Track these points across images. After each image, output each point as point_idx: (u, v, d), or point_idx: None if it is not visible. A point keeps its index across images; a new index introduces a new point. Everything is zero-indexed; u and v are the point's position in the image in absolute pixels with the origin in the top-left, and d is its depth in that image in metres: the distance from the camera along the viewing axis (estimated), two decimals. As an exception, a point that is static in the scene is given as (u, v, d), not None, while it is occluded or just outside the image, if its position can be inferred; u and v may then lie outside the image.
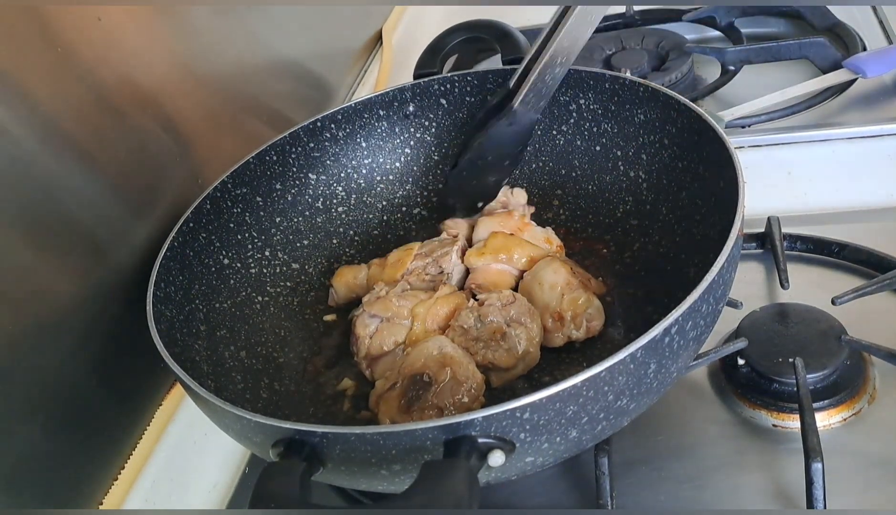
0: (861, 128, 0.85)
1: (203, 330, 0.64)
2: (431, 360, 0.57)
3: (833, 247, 0.72)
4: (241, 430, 0.50)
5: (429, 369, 0.57)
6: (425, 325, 0.63)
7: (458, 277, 0.70)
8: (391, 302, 0.64)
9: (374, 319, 0.64)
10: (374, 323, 0.64)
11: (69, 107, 0.60)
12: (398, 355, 0.63)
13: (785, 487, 0.56)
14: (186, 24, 0.77)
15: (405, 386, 0.57)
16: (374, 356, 0.63)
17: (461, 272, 0.70)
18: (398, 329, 0.64)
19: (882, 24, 1.03)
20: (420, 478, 0.41)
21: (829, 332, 0.62)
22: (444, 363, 0.57)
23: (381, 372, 0.62)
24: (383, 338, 0.63)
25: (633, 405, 0.49)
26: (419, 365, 0.57)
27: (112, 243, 0.63)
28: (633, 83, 0.70)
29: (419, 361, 0.58)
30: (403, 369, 0.58)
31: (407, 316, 0.64)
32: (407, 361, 0.59)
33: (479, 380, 0.58)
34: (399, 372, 0.58)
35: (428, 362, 0.57)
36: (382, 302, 0.65)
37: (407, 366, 0.58)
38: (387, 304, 0.64)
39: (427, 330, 0.63)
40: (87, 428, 0.60)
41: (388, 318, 0.64)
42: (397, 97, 0.79)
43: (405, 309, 0.64)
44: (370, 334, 0.64)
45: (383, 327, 0.64)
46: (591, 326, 0.64)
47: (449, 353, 0.58)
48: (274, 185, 0.75)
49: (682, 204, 0.67)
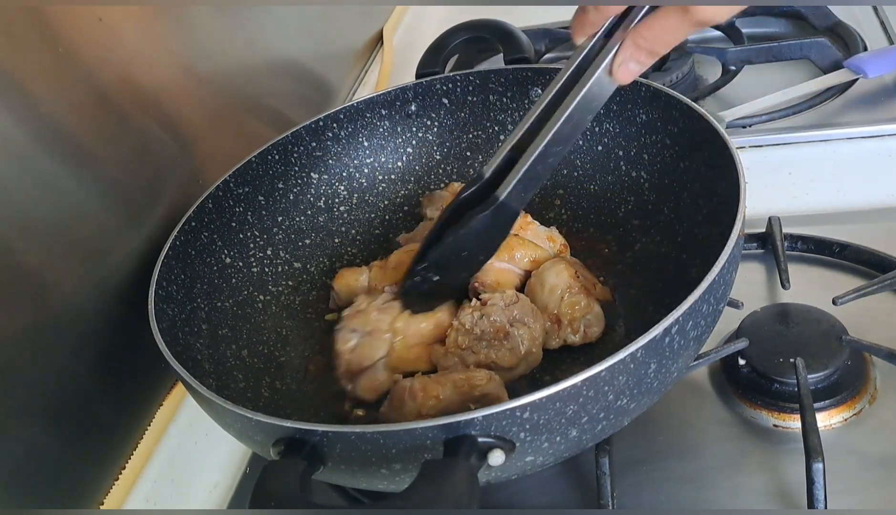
0: (862, 129, 0.85)
1: (205, 329, 0.64)
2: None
3: (834, 248, 0.72)
4: (242, 429, 0.50)
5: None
6: (406, 340, 0.62)
7: None
8: (371, 315, 0.63)
9: (354, 334, 0.63)
10: (354, 338, 0.63)
11: (70, 108, 0.60)
12: (379, 370, 0.62)
13: (786, 487, 0.56)
14: (188, 25, 0.77)
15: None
16: (354, 371, 0.62)
17: None
18: (379, 343, 0.62)
19: (883, 25, 1.03)
20: (420, 477, 0.41)
21: (829, 332, 0.62)
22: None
23: (364, 388, 0.61)
24: (363, 353, 0.62)
25: (634, 405, 0.49)
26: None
27: (113, 242, 0.64)
28: (635, 83, 0.70)
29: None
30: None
31: (388, 330, 0.62)
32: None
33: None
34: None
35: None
36: (362, 316, 0.63)
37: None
38: (366, 318, 0.63)
39: (409, 345, 0.62)
40: (87, 428, 0.60)
41: (368, 332, 0.62)
42: (399, 96, 0.79)
43: (385, 322, 0.62)
44: (351, 349, 0.62)
45: (364, 342, 0.62)
46: (588, 332, 0.64)
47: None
48: (276, 184, 0.75)
49: (683, 204, 0.67)
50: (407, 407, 0.55)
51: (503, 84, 0.78)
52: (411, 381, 0.56)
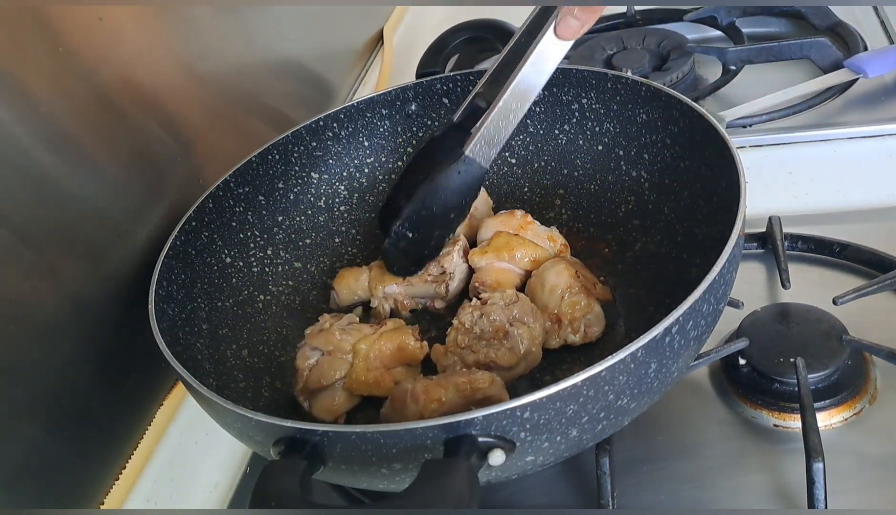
0: (862, 128, 0.85)
1: (205, 329, 0.64)
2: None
3: (834, 247, 0.72)
4: (242, 429, 0.50)
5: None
6: (367, 362, 0.61)
7: (461, 276, 0.70)
8: (334, 335, 0.63)
9: (315, 352, 0.62)
10: (314, 356, 0.62)
11: (70, 108, 0.60)
12: (337, 390, 0.61)
13: (786, 487, 0.56)
14: (188, 25, 0.77)
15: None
16: (311, 389, 0.61)
17: (464, 271, 0.70)
18: (339, 363, 0.62)
19: (883, 24, 1.03)
20: (420, 477, 0.41)
21: (830, 332, 0.62)
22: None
23: (321, 408, 0.61)
24: (322, 372, 0.61)
25: (634, 404, 0.49)
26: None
27: (114, 242, 0.64)
28: (635, 83, 0.70)
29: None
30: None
31: (349, 351, 0.62)
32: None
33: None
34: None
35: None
36: (325, 336, 0.63)
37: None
38: (329, 338, 0.62)
39: (369, 368, 0.61)
40: (88, 428, 0.60)
41: (329, 352, 0.62)
42: (400, 96, 0.79)
43: (347, 343, 0.62)
44: (310, 367, 0.62)
45: (324, 360, 0.62)
46: (588, 332, 0.64)
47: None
48: (276, 184, 0.75)
49: (683, 203, 0.67)
50: (409, 409, 0.54)
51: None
52: (413, 384, 0.55)
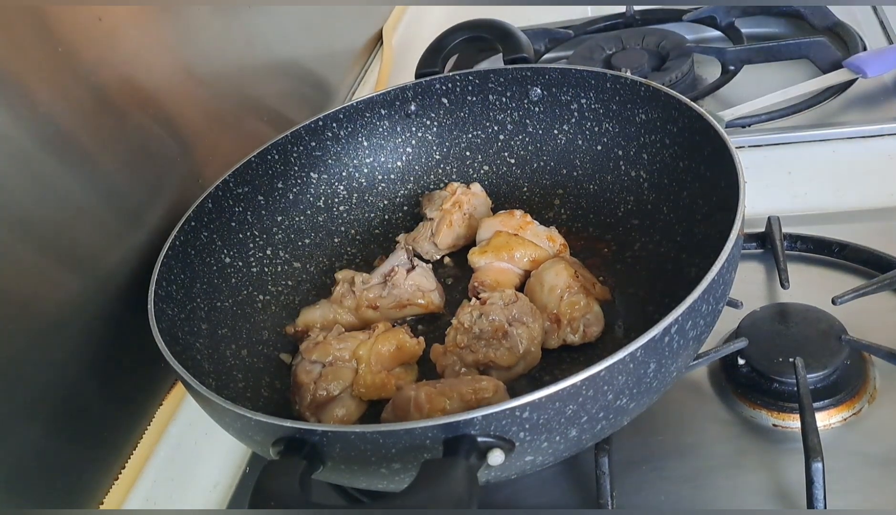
0: (861, 128, 0.85)
1: (204, 329, 0.64)
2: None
3: (833, 247, 0.72)
4: (241, 429, 0.50)
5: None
6: (371, 367, 0.61)
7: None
8: (331, 346, 0.62)
9: (315, 365, 0.62)
10: (316, 369, 0.62)
11: (70, 107, 0.60)
12: (346, 400, 0.61)
13: (785, 487, 0.56)
14: (187, 25, 0.77)
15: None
16: (320, 403, 0.61)
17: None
18: (343, 372, 0.61)
19: (882, 24, 1.03)
20: (419, 477, 0.41)
21: (829, 332, 0.62)
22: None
23: (331, 421, 0.60)
24: (328, 383, 0.61)
25: (633, 404, 0.49)
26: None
27: (113, 242, 0.64)
28: (634, 83, 0.70)
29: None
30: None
31: (350, 359, 0.62)
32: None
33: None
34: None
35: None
36: (322, 347, 0.62)
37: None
38: (327, 349, 0.62)
39: (374, 372, 0.61)
40: (87, 428, 0.60)
41: (329, 363, 0.62)
42: (399, 96, 0.79)
43: (346, 351, 0.62)
44: (314, 379, 0.61)
45: (327, 372, 0.61)
46: (588, 331, 0.64)
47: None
48: (275, 184, 0.75)
49: (682, 203, 0.67)
50: (412, 418, 0.54)
51: (502, 84, 0.78)
52: (416, 391, 0.55)
